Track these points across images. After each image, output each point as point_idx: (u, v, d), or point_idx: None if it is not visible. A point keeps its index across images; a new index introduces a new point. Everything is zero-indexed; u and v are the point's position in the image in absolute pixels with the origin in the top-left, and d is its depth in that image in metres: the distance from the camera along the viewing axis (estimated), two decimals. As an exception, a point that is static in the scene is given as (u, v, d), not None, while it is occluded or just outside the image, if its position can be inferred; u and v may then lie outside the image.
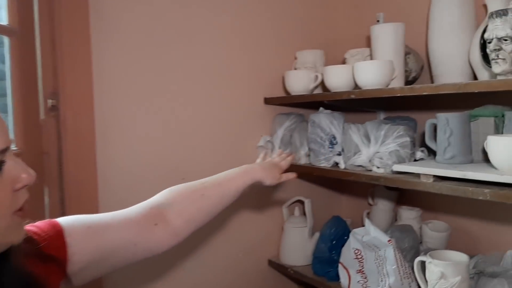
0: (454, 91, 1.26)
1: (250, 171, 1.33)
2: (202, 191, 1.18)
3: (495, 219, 1.64)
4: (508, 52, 1.24)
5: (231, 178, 1.27)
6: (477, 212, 1.71)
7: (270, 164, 1.43)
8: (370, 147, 1.57)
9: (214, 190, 1.21)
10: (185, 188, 1.18)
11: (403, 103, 1.88)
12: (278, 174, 1.42)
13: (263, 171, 1.35)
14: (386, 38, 1.62)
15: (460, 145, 1.39)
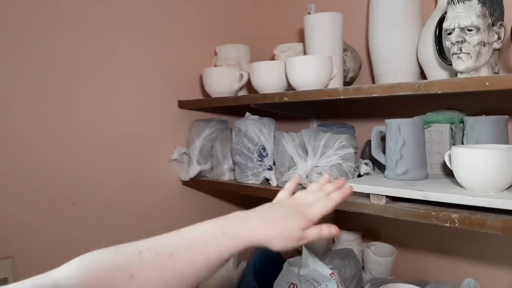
0: (412, 92, 1.02)
1: (241, 228, 0.70)
2: (133, 268, 0.64)
3: (446, 240, 1.44)
4: (473, 45, 1.02)
5: (197, 244, 0.67)
6: (425, 232, 1.50)
7: (290, 209, 0.75)
8: (307, 161, 1.29)
9: (157, 268, 0.65)
10: (106, 262, 0.64)
11: (338, 108, 1.64)
12: (300, 230, 0.73)
13: (268, 227, 0.71)
14: (323, 30, 1.36)
15: (414, 157, 1.15)
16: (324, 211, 0.76)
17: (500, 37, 1.02)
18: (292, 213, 0.73)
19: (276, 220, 0.72)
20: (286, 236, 0.71)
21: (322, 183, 0.85)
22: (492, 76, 0.89)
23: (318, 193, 0.80)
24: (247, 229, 0.69)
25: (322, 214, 0.76)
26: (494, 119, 1.08)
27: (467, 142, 1.11)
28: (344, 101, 1.59)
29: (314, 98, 1.22)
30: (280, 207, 0.76)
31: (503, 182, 0.95)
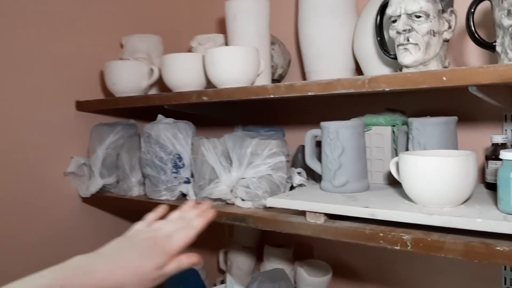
0: (354, 89, 0.85)
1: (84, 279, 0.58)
2: None
3: (389, 257, 1.30)
4: (422, 34, 0.87)
5: None
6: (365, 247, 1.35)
7: (145, 245, 0.67)
8: (231, 172, 1.09)
9: None
10: None
11: (268, 109, 1.46)
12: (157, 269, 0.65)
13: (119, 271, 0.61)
14: (247, 18, 1.17)
15: (355, 166, 0.99)
16: (186, 242, 0.69)
17: (451, 26, 0.88)
18: (147, 250, 0.66)
19: (128, 261, 0.63)
20: (141, 278, 0.63)
21: (185, 210, 0.78)
22: (450, 70, 0.74)
23: (179, 222, 0.73)
24: (91, 279, 0.58)
25: (184, 245, 0.69)
26: (443, 121, 0.95)
27: (412, 148, 0.97)
28: (274, 101, 1.41)
29: (239, 97, 1.02)
30: (133, 243, 0.67)
31: (461, 195, 0.81)
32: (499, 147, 0.94)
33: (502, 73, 0.70)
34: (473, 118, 1.08)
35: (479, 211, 0.78)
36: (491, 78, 0.71)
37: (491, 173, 0.94)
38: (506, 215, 0.75)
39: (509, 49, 0.78)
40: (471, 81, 0.73)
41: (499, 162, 0.92)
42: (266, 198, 1.03)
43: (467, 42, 1.08)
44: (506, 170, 0.75)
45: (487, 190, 0.95)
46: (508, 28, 0.77)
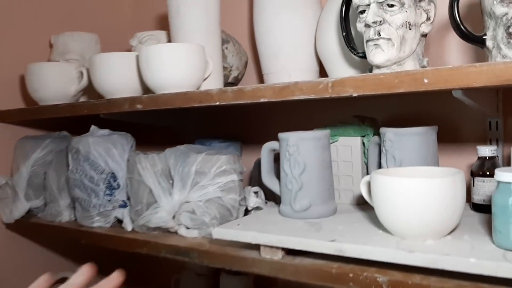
0: (316, 95, 0.69)
1: None
2: None
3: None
4: (396, 27, 0.71)
5: None
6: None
7: None
8: (173, 195, 0.91)
9: None
10: None
11: (223, 118, 1.28)
12: None
13: None
14: (192, 12, 0.99)
15: (319, 186, 0.83)
16: None
17: (430, 17, 0.73)
18: None
19: None
20: None
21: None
22: (433, 70, 0.59)
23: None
24: None
25: None
26: (422, 131, 0.79)
27: (386, 163, 0.81)
28: (231, 108, 1.24)
29: (178, 104, 0.84)
30: None
31: (447, 224, 0.66)
32: (486, 161, 0.79)
33: (499, 73, 0.55)
34: (455, 126, 0.94)
35: (470, 245, 0.62)
36: (485, 80, 0.56)
37: (478, 192, 0.79)
38: (505, 252, 0.59)
39: (503, 44, 0.63)
40: (460, 83, 0.57)
41: (487, 179, 0.78)
42: (215, 226, 0.86)
43: (448, 38, 0.94)
44: (503, 195, 0.60)
45: (474, 212, 0.80)
46: (501, 17, 0.62)
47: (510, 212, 0.58)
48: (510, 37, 0.62)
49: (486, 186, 0.78)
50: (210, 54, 0.98)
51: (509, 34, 0.62)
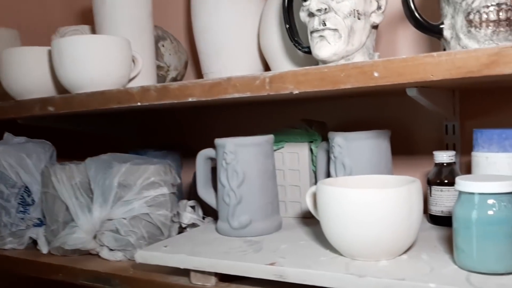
0: (251, 92, 0.59)
1: None
2: None
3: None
4: (343, 16, 0.62)
5: None
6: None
7: None
8: (93, 211, 0.78)
9: None
10: None
11: (163, 122, 1.16)
12: None
13: None
14: (120, 3, 0.87)
15: (261, 199, 0.72)
16: None
17: (381, 6, 0.65)
18: None
19: None
20: None
21: None
22: (384, 61, 0.50)
23: None
24: None
25: None
26: (374, 135, 0.71)
27: (335, 171, 0.72)
28: (171, 113, 1.12)
29: (96, 106, 0.72)
30: None
31: (402, 242, 0.57)
32: (444, 168, 0.71)
33: (460, 63, 0.46)
34: (409, 131, 0.86)
35: (429, 267, 0.54)
36: (444, 72, 0.47)
37: (436, 202, 0.71)
38: (469, 274, 0.51)
39: (463, 33, 0.55)
40: (416, 77, 0.49)
41: (446, 188, 0.70)
42: (142, 247, 0.74)
43: (401, 31, 0.86)
44: (466, 207, 0.51)
45: (432, 224, 0.72)
46: (460, 2, 0.54)
47: (474, 227, 0.50)
48: (470, 25, 0.54)
49: (444, 196, 0.70)
50: (140, 51, 0.87)
51: (469, 22, 0.54)
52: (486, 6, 0.53)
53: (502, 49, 0.45)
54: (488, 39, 0.53)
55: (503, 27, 0.53)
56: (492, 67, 0.45)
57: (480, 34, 0.53)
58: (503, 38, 0.53)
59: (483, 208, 0.50)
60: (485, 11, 0.53)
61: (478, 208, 0.50)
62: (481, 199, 0.50)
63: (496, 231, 0.49)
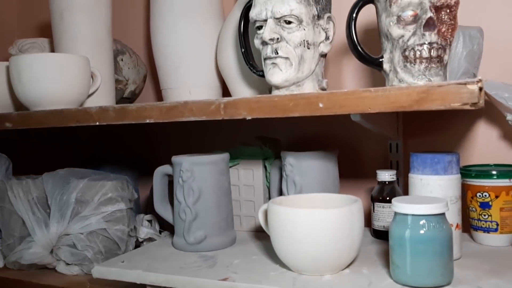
0: (207, 116, 0.62)
1: None
2: None
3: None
4: (294, 45, 0.67)
5: None
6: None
7: None
8: (49, 226, 0.79)
9: None
10: None
11: (121, 135, 1.17)
12: None
13: None
14: (78, 18, 0.89)
15: (216, 215, 0.76)
16: None
17: (329, 36, 0.69)
18: None
19: None
20: None
21: None
22: (328, 94, 0.55)
23: None
24: None
25: None
26: (322, 155, 0.76)
27: (287, 189, 0.76)
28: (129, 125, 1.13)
29: (54, 124, 0.73)
30: None
31: (345, 257, 0.61)
32: (386, 186, 0.77)
33: (393, 99, 0.52)
34: (356, 149, 0.92)
35: (368, 280, 0.59)
36: (380, 106, 0.52)
37: (378, 218, 0.77)
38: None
39: (399, 67, 0.60)
40: (355, 109, 0.54)
41: (387, 205, 0.76)
42: (99, 261, 0.76)
43: (347, 59, 0.92)
44: (400, 227, 0.56)
45: (375, 238, 0.78)
46: (397, 39, 0.60)
47: (407, 245, 0.55)
48: (406, 61, 0.59)
49: (385, 212, 0.76)
50: (98, 66, 0.88)
51: (405, 58, 0.59)
52: (419, 45, 0.58)
53: (430, 88, 0.50)
54: (421, 74, 0.59)
55: (435, 64, 0.58)
56: (421, 103, 0.50)
57: (414, 69, 0.59)
58: (434, 74, 0.59)
59: (415, 228, 0.55)
60: (418, 49, 0.58)
61: (411, 227, 0.55)
62: (414, 219, 0.55)
63: (426, 249, 0.55)
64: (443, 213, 0.56)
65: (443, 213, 0.56)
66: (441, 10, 0.58)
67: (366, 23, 0.87)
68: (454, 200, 0.64)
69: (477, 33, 0.74)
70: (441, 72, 0.59)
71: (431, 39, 0.58)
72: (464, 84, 0.48)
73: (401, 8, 0.59)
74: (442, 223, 0.56)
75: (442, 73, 0.60)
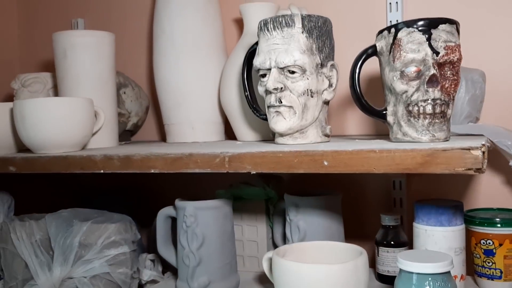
0: (211, 169, 0.62)
1: None
2: None
3: None
4: (298, 94, 0.67)
5: None
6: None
7: None
8: (53, 270, 0.78)
9: None
10: None
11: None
12: None
13: None
14: (83, 57, 0.89)
15: (220, 261, 0.76)
16: None
17: (332, 84, 0.70)
18: None
19: None
20: None
21: None
22: (333, 152, 0.55)
23: None
24: None
25: None
26: (326, 200, 0.76)
27: (290, 234, 0.76)
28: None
29: (58, 170, 0.73)
30: None
31: (350, 311, 0.61)
32: (390, 230, 0.77)
33: (398, 161, 0.52)
34: (360, 186, 0.92)
35: (374, 337, 0.59)
36: (385, 167, 0.52)
37: (382, 262, 0.77)
38: None
39: (403, 121, 0.60)
40: (360, 168, 0.54)
41: (392, 249, 0.76)
42: (102, 305, 0.75)
43: (350, 105, 0.93)
44: (405, 284, 0.56)
45: (379, 283, 0.77)
46: (401, 94, 0.60)
47: (413, 303, 0.55)
48: (410, 115, 0.59)
49: (390, 257, 0.76)
50: (101, 104, 0.88)
51: (409, 112, 0.59)
52: (423, 100, 0.58)
53: (434, 151, 0.50)
54: (425, 129, 0.59)
55: (438, 119, 0.59)
56: (426, 166, 0.51)
57: (418, 124, 0.59)
58: (438, 129, 0.59)
59: (421, 286, 0.55)
60: (422, 104, 0.58)
61: (416, 285, 0.55)
62: (419, 278, 0.55)
63: (432, 306, 0.55)
64: (449, 271, 0.56)
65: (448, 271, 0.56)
66: (444, 66, 0.59)
67: (368, 71, 0.88)
68: (458, 251, 0.65)
69: (479, 77, 0.75)
70: (445, 127, 0.60)
71: (434, 95, 0.58)
72: (468, 149, 0.49)
73: (405, 64, 0.59)
74: (448, 281, 0.56)
75: (445, 127, 0.60)
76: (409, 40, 0.59)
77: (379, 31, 0.64)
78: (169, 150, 0.67)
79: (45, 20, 1.28)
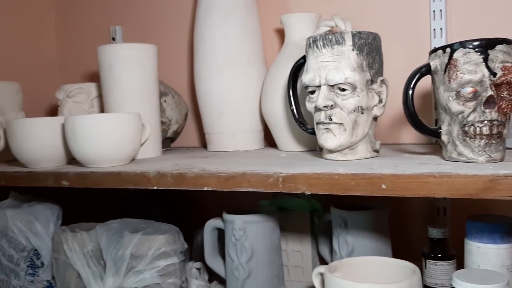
0: (264, 188, 0.63)
1: None
2: None
3: None
4: (348, 111, 0.67)
5: None
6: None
7: None
8: (105, 280, 0.81)
9: None
10: None
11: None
12: None
13: None
14: (127, 69, 0.91)
15: (269, 272, 0.77)
16: None
17: (382, 100, 0.70)
18: None
19: None
20: None
21: None
22: (392, 176, 0.55)
23: None
24: None
25: None
26: (374, 214, 0.76)
27: (338, 247, 0.77)
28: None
29: (110, 185, 0.75)
30: None
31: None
32: (437, 242, 0.77)
33: (459, 186, 0.52)
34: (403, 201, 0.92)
35: None
36: (445, 192, 0.53)
37: (430, 275, 0.77)
38: None
39: (459, 141, 0.60)
40: (419, 192, 0.54)
41: (439, 262, 0.76)
42: (153, 314, 0.78)
43: (396, 116, 0.92)
44: (463, 305, 0.57)
45: (427, 296, 0.78)
46: (457, 114, 0.60)
47: (470, 324, 0.56)
48: (466, 135, 0.59)
49: (438, 270, 0.76)
50: (146, 115, 0.90)
51: (465, 132, 0.59)
52: (480, 121, 0.58)
53: (496, 178, 0.50)
54: (481, 150, 0.59)
55: (495, 140, 0.58)
56: (488, 192, 0.50)
57: (474, 144, 0.59)
58: (495, 150, 0.59)
59: (478, 307, 0.55)
60: (479, 125, 0.58)
61: (473, 306, 0.56)
62: (476, 299, 0.56)
63: (488, 327, 0.55)
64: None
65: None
66: (501, 87, 0.58)
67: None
68: (511, 268, 0.64)
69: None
70: (501, 147, 0.59)
71: (491, 116, 0.58)
72: (532, 176, 0.48)
73: (461, 84, 0.59)
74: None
75: (501, 147, 0.59)
76: (466, 60, 0.58)
77: (433, 49, 0.63)
78: (221, 168, 0.68)
79: (83, 27, 1.31)
